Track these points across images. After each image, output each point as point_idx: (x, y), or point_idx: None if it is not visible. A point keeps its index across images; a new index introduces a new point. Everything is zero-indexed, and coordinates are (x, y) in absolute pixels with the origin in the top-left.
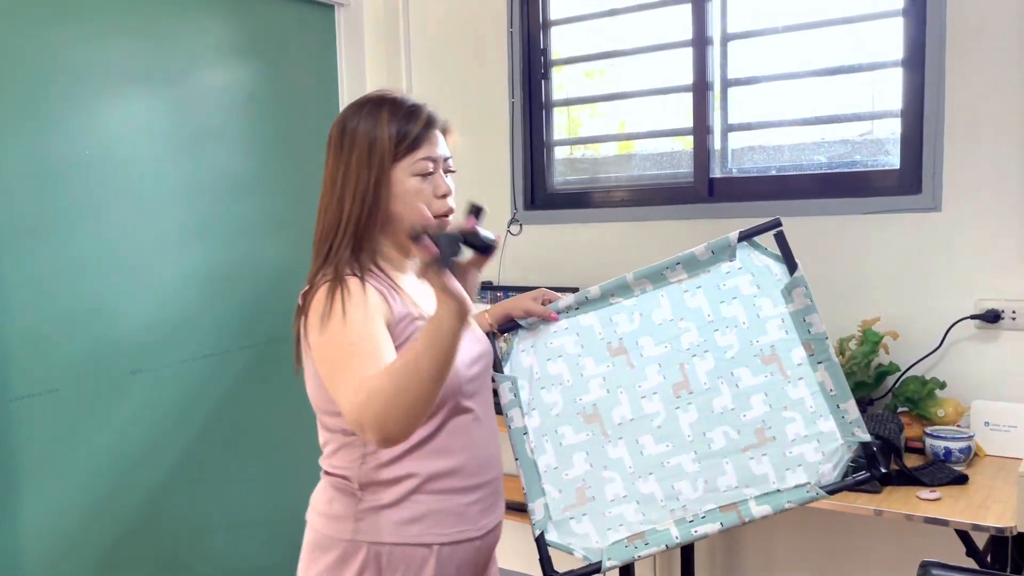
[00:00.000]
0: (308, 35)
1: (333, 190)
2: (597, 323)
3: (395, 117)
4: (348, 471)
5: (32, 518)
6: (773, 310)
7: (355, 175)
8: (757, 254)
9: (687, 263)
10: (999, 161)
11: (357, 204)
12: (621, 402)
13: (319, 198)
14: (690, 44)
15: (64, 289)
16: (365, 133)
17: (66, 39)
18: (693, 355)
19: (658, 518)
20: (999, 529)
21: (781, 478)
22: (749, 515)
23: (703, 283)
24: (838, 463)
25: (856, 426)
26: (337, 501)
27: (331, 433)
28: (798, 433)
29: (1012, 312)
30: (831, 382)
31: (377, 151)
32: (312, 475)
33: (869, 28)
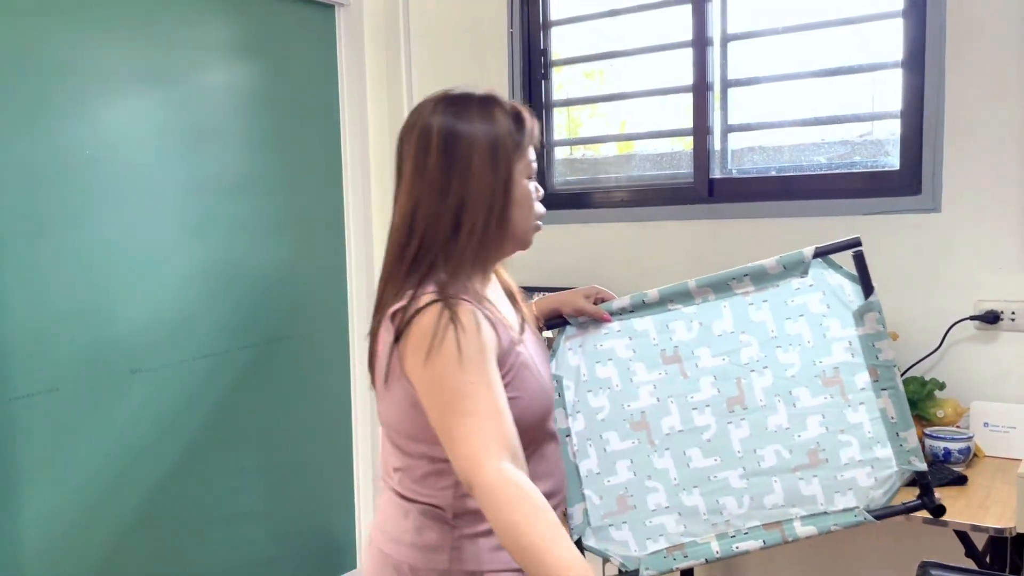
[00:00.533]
0: (308, 35)
1: (443, 197)
2: (652, 328)
3: (507, 116)
4: (439, 499)
5: (32, 517)
6: (841, 331)
7: (477, 179)
8: (831, 272)
9: (755, 275)
10: (999, 162)
11: (482, 212)
12: (671, 412)
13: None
14: (690, 45)
15: (64, 288)
16: (485, 134)
17: (66, 39)
18: (751, 370)
19: (700, 531)
20: (998, 530)
21: (829, 500)
22: (793, 535)
23: (770, 297)
24: (889, 490)
25: (913, 455)
26: (430, 530)
27: (414, 459)
28: (852, 457)
29: (1012, 313)
30: (893, 410)
31: (502, 152)
32: (311, 474)
33: (869, 29)
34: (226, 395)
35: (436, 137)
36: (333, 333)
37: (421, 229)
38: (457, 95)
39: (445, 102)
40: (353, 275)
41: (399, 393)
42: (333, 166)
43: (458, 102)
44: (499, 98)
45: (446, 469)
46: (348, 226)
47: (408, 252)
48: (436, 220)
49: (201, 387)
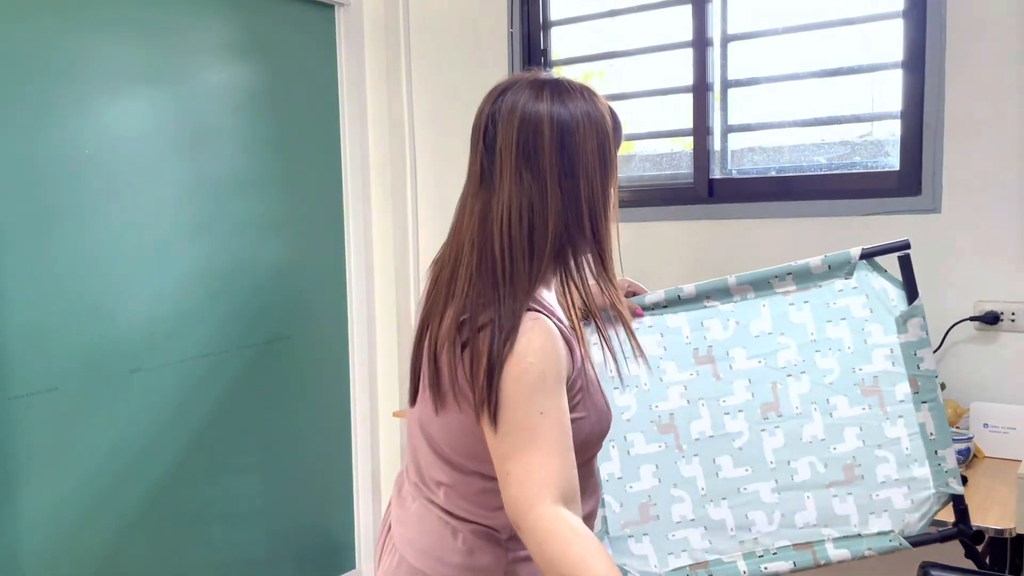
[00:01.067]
0: (308, 35)
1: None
2: (686, 326)
3: (607, 113)
4: (494, 520)
5: (31, 516)
6: (883, 338)
7: (590, 180)
8: (876, 276)
9: (798, 274)
10: (999, 163)
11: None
12: (701, 416)
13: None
14: (690, 45)
15: (64, 288)
16: (596, 131)
17: (66, 39)
18: (788, 375)
19: (726, 548)
20: (998, 531)
21: (864, 522)
22: (825, 558)
23: (811, 298)
24: (925, 514)
25: (952, 476)
26: (483, 552)
27: (466, 476)
28: (889, 476)
29: (1011, 314)
30: (932, 425)
31: (609, 153)
32: (311, 474)
33: (869, 30)
34: (226, 395)
35: (548, 128)
36: (333, 333)
37: (539, 230)
38: (558, 80)
39: (549, 88)
40: (353, 275)
41: (465, 409)
42: (333, 166)
43: (562, 90)
44: (592, 89)
45: (497, 487)
46: (348, 226)
47: (527, 251)
48: (560, 220)
49: (201, 387)
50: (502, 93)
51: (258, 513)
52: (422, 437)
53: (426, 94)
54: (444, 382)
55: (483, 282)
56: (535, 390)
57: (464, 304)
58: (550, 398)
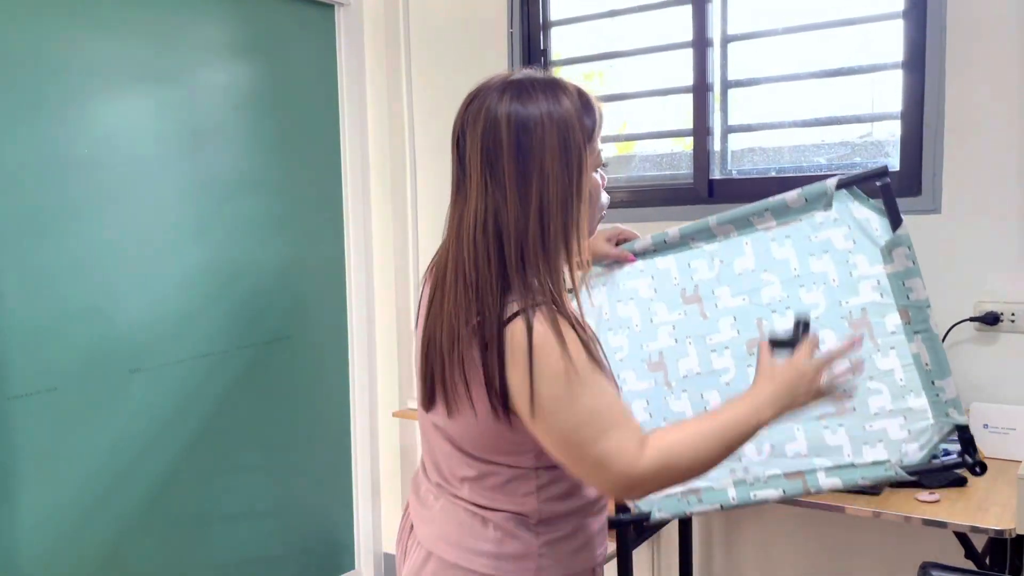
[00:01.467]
0: (308, 35)
1: (524, 201)
2: (674, 267)
3: (573, 99)
4: (523, 506)
5: (30, 516)
6: (869, 269)
7: (552, 178)
8: (857, 205)
9: (776, 209)
10: (999, 163)
11: (558, 213)
12: (689, 354)
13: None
14: (690, 45)
15: (63, 288)
16: (555, 124)
17: (66, 38)
18: (773, 311)
19: (717, 476)
20: (998, 531)
21: (857, 452)
22: (816, 486)
23: (792, 233)
24: (925, 444)
25: (952, 406)
26: (514, 538)
27: (492, 467)
28: (883, 407)
29: (1011, 314)
30: (927, 356)
31: (573, 146)
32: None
33: (869, 30)
34: (225, 395)
35: (506, 131)
36: (332, 333)
37: (505, 234)
38: (522, 80)
39: (511, 89)
40: (352, 275)
41: (485, 408)
42: (332, 166)
43: (523, 89)
44: (561, 79)
45: (528, 474)
46: (348, 226)
47: (509, 254)
48: (525, 227)
49: (200, 387)
50: (472, 99)
51: (257, 513)
52: (441, 437)
53: (426, 94)
54: (458, 387)
55: (465, 290)
56: (571, 383)
57: (460, 311)
58: (588, 381)
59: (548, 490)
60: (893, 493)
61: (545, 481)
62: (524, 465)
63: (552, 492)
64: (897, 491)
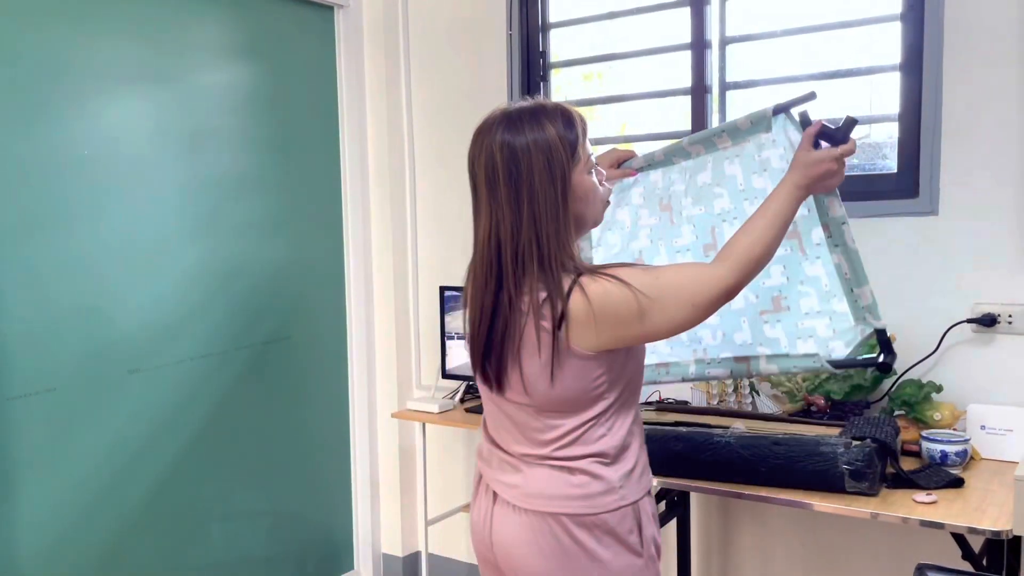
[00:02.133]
0: (308, 36)
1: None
2: (660, 179)
3: (555, 122)
4: (602, 447)
5: (29, 517)
6: None
7: (541, 194)
8: (792, 129)
9: (731, 131)
10: (996, 165)
11: (552, 221)
12: (660, 253)
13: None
14: (689, 47)
15: (62, 288)
16: (539, 149)
17: (65, 39)
18: (723, 220)
19: (682, 355)
20: (995, 532)
21: (792, 344)
22: (758, 370)
23: (740, 152)
24: (850, 343)
25: (868, 312)
26: (597, 479)
27: (573, 422)
28: (811, 307)
29: (1008, 316)
30: (847, 267)
31: (556, 163)
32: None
33: (867, 32)
34: (224, 395)
35: (500, 160)
36: (331, 333)
37: (508, 243)
38: (510, 112)
39: (505, 123)
40: (351, 275)
41: (571, 368)
42: (332, 167)
43: (514, 122)
44: (545, 105)
45: (599, 420)
46: (347, 227)
47: (505, 262)
48: (518, 234)
49: (199, 387)
50: (479, 135)
51: (256, 514)
52: (520, 410)
53: (425, 95)
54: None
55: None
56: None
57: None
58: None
59: (614, 431)
60: (890, 495)
61: (612, 424)
62: (595, 413)
63: (617, 432)
64: (894, 492)
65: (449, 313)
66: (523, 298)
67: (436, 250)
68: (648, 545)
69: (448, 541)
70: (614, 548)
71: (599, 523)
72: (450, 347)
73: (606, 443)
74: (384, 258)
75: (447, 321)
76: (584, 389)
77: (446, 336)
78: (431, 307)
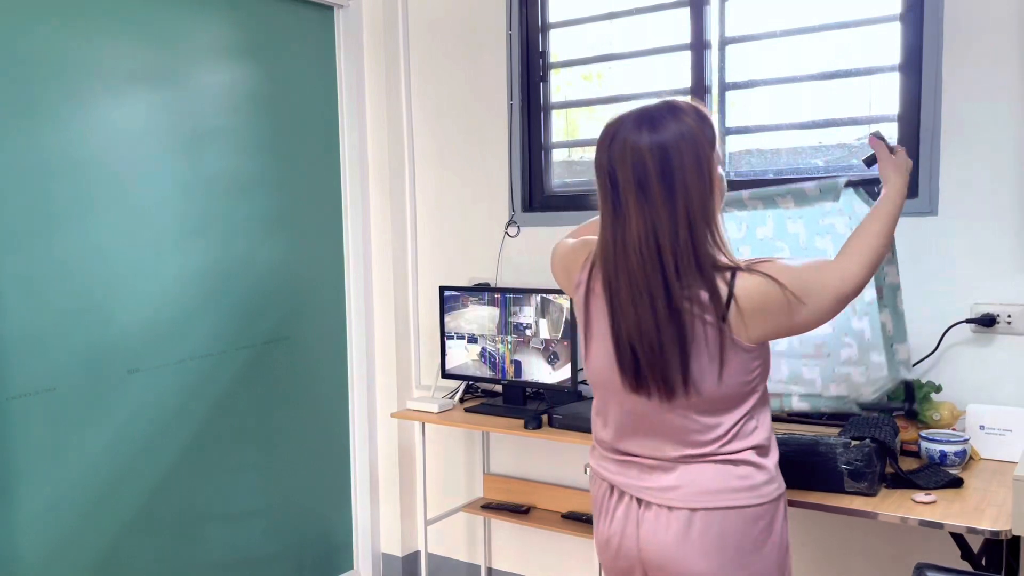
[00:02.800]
0: (308, 36)
1: (673, 215)
2: None
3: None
4: (758, 439)
5: (28, 517)
6: None
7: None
8: (859, 201)
9: (797, 195)
10: (995, 165)
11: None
12: None
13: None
14: (688, 48)
15: (62, 288)
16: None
17: (65, 39)
18: None
19: None
20: (994, 532)
21: (825, 387)
22: (789, 406)
23: (805, 215)
24: (878, 390)
25: (903, 365)
26: (758, 469)
27: (733, 417)
28: (850, 357)
29: (1007, 316)
30: (891, 325)
31: (703, 157)
32: (309, 476)
33: (866, 33)
34: (224, 395)
35: (650, 159)
36: (331, 334)
37: (668, 244)
38: (651, 112)
39: (646, 123)
40: (351, 276)
41: (735, 361)
42: (331, 167)
43: (655, 119)
44: (678, 103)
45: (752, 413)
46: (346, 227)
47: (667, 262)
48: (676, 234)
49: (199, 387)
50: (613, 138)
51: (256, 514)
52: (676, 415)
53: (425, 96)
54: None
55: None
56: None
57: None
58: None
59: (762, 423)
60: (889, 494)
61: (760, 416)
62: (748, 407)
63: (765, 423)
64: (893, 492)
65: (449, 313)
66: (686, 297)
67: (436, 250)
68: (788, 534)
69: (447, 541)
70: (770, 537)
71: (762, 513)
72: (450, 347)
73: (760, 435)
74: (384, 258)
75: (447, 321)
76: (744, 382)
77: (446, 336)
78: (431, 307)
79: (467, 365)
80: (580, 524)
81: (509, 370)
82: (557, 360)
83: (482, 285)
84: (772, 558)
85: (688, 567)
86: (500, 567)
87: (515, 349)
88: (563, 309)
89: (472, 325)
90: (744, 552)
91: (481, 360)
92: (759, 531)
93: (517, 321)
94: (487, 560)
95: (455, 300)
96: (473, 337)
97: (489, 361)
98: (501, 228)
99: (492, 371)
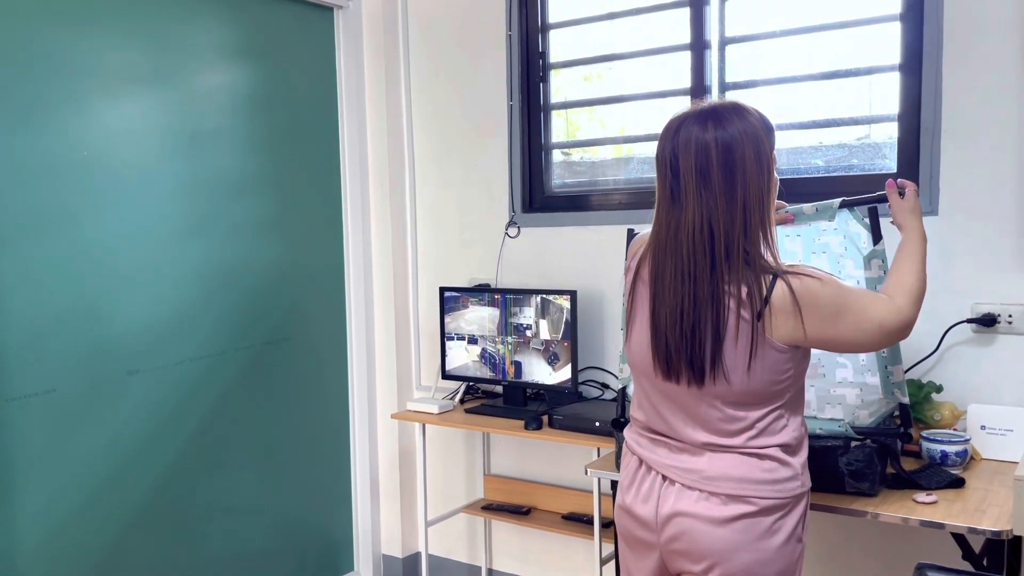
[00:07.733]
0: (307, 37)
1: (731, 204)
2: None
3: (757, 120)
4: (786, 437)
5: (28, 517)
6: (853, 271)
7: (753, 183)
8: (854, 221)
9: (795, 213)
10: (995, 165)
11: (758, 208)
12: None
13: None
14: (688, 48)
15: (61, 289)
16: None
17: (65, 39)
18: None
19: None
20: (995, 533)
21: (820, 408)
22: None
23: (803, 233)
24: (874, 413)
25: (897, 388)
26: (783, 466)
27: (762, 413)
28: (845, 378)
29: (1008, 316)
30: (887, 348)
31: (764, 155)
32: (309, 476)
33: (867, 33)
34: (223, 396)
35: (715, 152)
36: (331, 334)
37: (721, 233)
38: (715, 109)
39: (712, 119)
40: (351, 276)
41: (766, 360)
42: (331, 168)
43: (720, 116)
44: (741, 103)
45: (782, 411)
46: (346, 227)
47: (719, 251)
48: (732, 223)
49: (198, 388)
50: (678, 130)
51: (256, 515)
52: (703, 402)
53: (425, 96)
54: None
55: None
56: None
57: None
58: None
59: (793, 423)
60: (890, 494)
61: (791, 416)
62: (777, 405)
63: (795, 423)
64: (894, 492)
65: (449, 314)
66: (729, 289)
67: (436, 250)
68: (805, 534)
69: (448, 542)
70: (786, 532)
71: (781, 506)
72: (450, 348)
73: (788, 434)
74: (384, 258)
75: (447, 322)
76: (773, 382)
77: (446, 337)
78: (431, 308)
79: (467, 366)
80: (580, 525)
81: (509, 371)
82: (557, 361)
83: (482, 286)
84: (784, 550)
85: (702, 543)
86: (500, 568)
87: (515, 350)
88: (563, 310)
89: (472, 326)
90: (758, 537)
91: (481, 361)
92: (774, 521)
93: (517, 322)
94: (488, 561)
95: (455, 301)
96: (473, 338)
97: (489, 362)
98: (501, 229)
99: (492, 372)
